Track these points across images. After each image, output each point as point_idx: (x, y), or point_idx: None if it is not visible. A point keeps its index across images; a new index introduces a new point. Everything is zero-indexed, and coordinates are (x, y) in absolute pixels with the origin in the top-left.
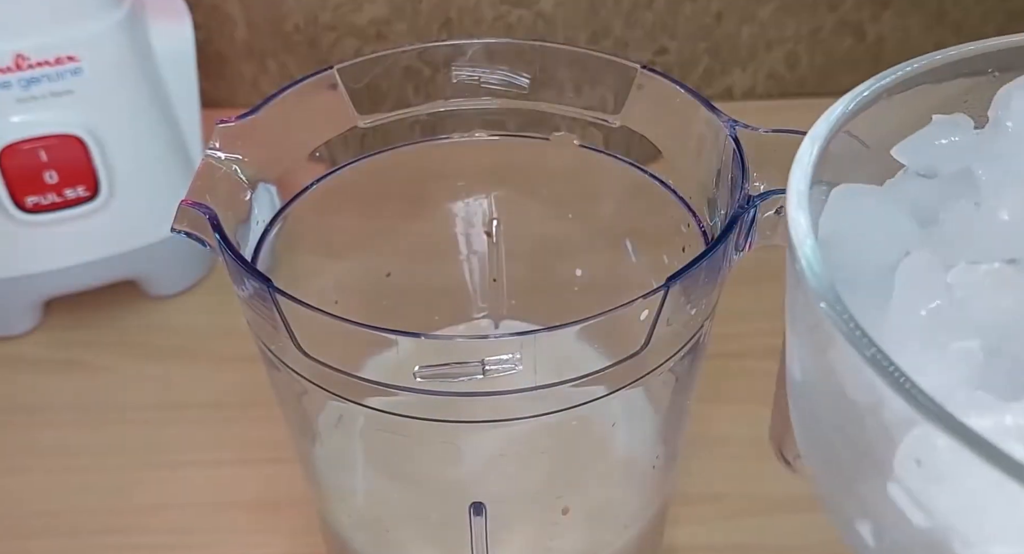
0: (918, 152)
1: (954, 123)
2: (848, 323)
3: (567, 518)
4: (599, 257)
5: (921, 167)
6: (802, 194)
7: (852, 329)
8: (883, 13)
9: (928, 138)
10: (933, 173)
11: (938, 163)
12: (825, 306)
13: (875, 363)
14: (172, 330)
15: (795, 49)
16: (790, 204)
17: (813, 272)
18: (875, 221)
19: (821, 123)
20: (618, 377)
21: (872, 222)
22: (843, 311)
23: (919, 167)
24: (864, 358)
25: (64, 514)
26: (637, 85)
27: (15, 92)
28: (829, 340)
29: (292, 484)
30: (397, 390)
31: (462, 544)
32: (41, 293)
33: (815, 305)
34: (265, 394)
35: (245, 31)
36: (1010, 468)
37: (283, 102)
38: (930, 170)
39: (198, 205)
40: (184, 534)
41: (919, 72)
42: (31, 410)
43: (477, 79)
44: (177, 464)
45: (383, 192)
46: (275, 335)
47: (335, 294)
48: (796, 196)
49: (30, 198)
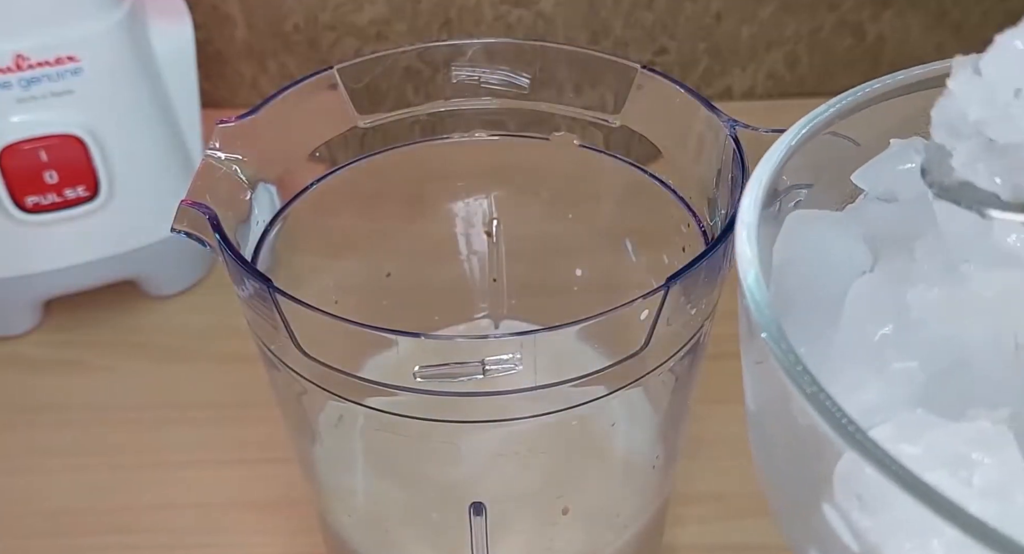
0: (876, 178)
1: (910, 147)
2: (787, 354)
3: (567, 518)
4: (599, 257)
5: (880, 192)
6: (751, 226)
7: (792, 362)
8: (883, 13)
9: (886, 163)
10: (893, 198)
11: (896, 188)
12: (766, 336)
13: (813, 398)
14: (172, 330)
15: (795, 49)
16: (738, 237)
17: (755, 302)
18: (828, 247)
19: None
20: (618, 377)
21: (825, 248)
22: (783, 341)
23: (878, 192)
24: (802, 392)
25: (63, 514)
26: (637, 85)
27: (15, 92)
28: (774, 370)
29: (292, 484)
30: (397, 390)
31: (462, 544)
32: (41, 293)
33: (757, 335)
34: (265, 394)
35: (245, 31)
36: (928, 499)
37: (283, 102)
38: (889, 195)
39: (198, 205)
40: (184, 534)
41: (866, 98)
42: (30, 410)
43: (477, 79)
44: (176, 464)
45: (383, 192)
46: (275, 335)
47: (335, 294)
48: (745, 229)
49: (30, 198)
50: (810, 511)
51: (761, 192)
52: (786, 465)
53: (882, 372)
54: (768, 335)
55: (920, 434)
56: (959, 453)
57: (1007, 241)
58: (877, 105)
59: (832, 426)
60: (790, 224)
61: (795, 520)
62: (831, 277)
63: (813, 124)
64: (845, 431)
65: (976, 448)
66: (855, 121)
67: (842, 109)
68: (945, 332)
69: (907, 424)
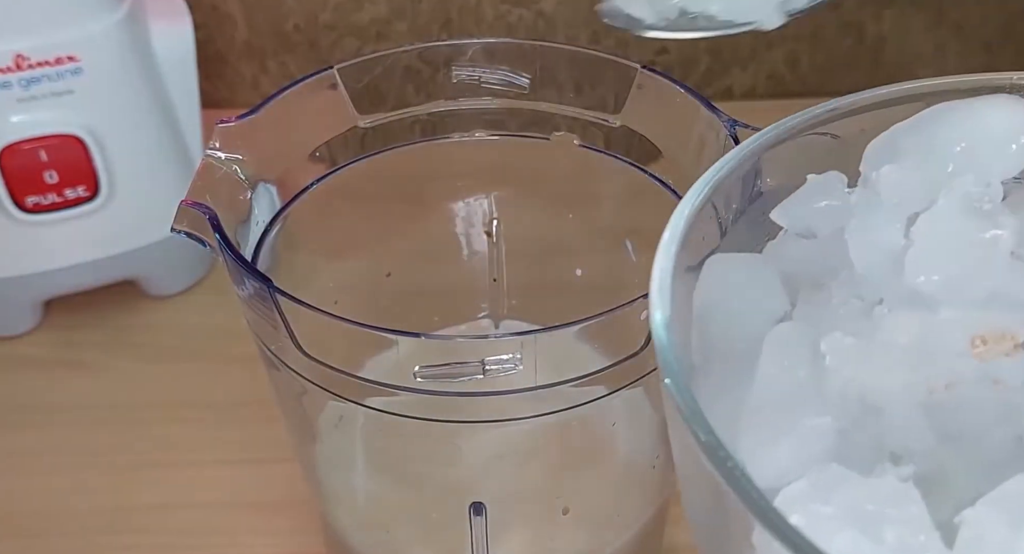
0: (795, 214)
1: (827, 184)
2: (690, 408)
3: (567, 518)
4: (599, 257)
5: (799, 229)
6: (664, 270)
7: (691, 411)
8: (884, 13)
9: (803, 200)
10: (812, 234)
11: (814, 224)
12: (669, 382)
13: (709, 450)
14: (172, 330)
15: (795, 49)
16: (651, 282)
17: (660, 346)
18: (745, 292)
19: (679, 212)
20: (618, 377)
21: (743, 293)
22: (686, 394)
23: (797, 229)
24: (699, 443)
25: (63, 514)
26: (637, 85)
27: (15, 92)
28: (676, 419)
29: (293, 484)
30: (397, 390)
31: (462, 544)
32: (41, 293)
33: (663, 382)
34: (265, 394)
35: (245, 31)
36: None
37: (283, 102)
38: (808, 232)
39: (198, 205)
40: (184, 535)
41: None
42: (31, 410)
43: (477, 79)
44: (177, 464)
45: (383, 192)
46: (275, 335)
47: (335, 294)
48: (658, 273)
49: (30, 198)
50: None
51: (679, 233)
52: (703, 514)
53: (794, 429)
54: (671, 381)
55: (831, 492)
56: (869, 512)
57: (917, 281)
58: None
59: (730, 484)
60: (709, 268)
61: None
62: (748, 324)
63: (734, 161)
64: (742, 489)
65: (885, 506)
66: (776, 155)
67: (764, 144)
68: (859, 380)
69: (819, 482)
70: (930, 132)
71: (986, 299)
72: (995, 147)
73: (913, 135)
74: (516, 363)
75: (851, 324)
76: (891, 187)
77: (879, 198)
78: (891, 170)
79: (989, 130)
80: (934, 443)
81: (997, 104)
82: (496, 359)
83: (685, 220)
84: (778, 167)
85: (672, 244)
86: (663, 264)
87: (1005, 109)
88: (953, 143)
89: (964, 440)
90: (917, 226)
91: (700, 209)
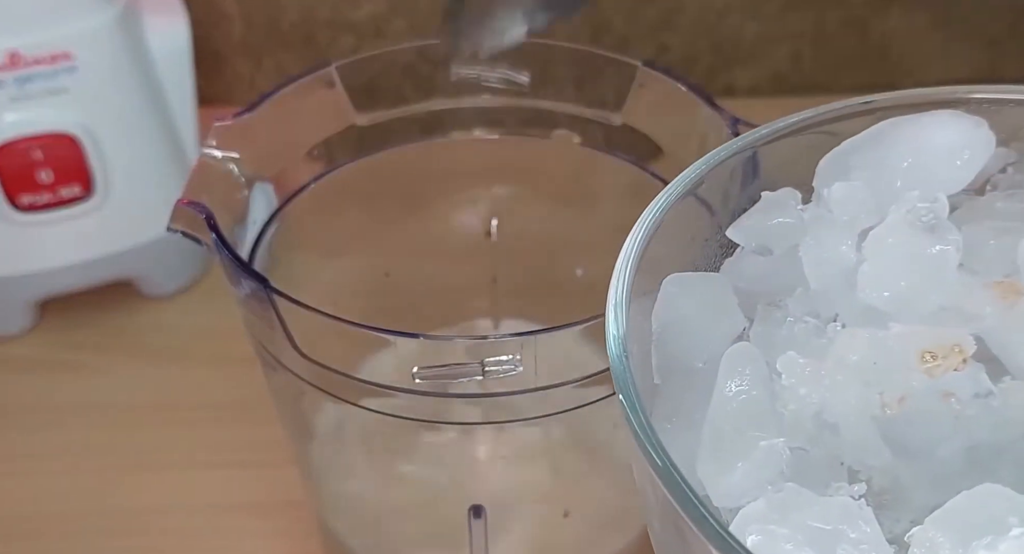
0: (750, 232)
1: (780, 201)
2: (644, 430)
3: (567, 520)
4: (600, 257)
5: (755, 247)
6: (619, 304)
7: (643, 429)
8: (889, 10)
9: (758, 217)
10: (768, 251)
11: (770, 242)
12: (622, 399)
13: (664, 474)
14: (168, 331)
15: (799, 46)
16: (608, 300)
17: (613, 361)
18: (703, 311)
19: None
20: None
21: (700, 312)
22: (639, 414)
23: (753, 247)
24: (652, 466)
25: (57, 516)
26: (638, 83)
27: (10, 90)
28: (629, 438)
29: (290, 486)
30: (395, 391)
31: (461, 547)
32: (36, 293)
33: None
34: (262, 395)
35: (241, 28)
36: None
37: (280, 100)
38: (764, 249)
39: (194, 204)
40: (181, 537)
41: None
42: (25, 411)
43: (477, 77)
44: (173, 466)
45: (382, 191)
46: (272, 336)
47: (333, 294)
48: (612, 306)
49: (25, 197)
50: None
51: (636, 247)
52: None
53: (750, 451)
54: (623, 398)
55: (787, 512)
56: (824, 531)
57: (869, 297)
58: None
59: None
60: (666, 288)
61: None
62: (706, 343)
63: (684, 184)
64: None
65: (839, 524)
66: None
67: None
68: (814, 398)
69: (775, 502)
70: (879, 148)
71: (935, 313)
72: (941, 163)
73: (863, 151)
74: (516, 364)
75: (806, 342)
76: (842, 204)
77: (831, 215)
78: (841, 187)
79: (935, 146)
80: (890, 458)
81: (942, 120)
82: (496, 360)
83: (639, 241)
84: (779, 163)
85: (627, 264)
86: (619, 282)
87: (950, 125)
88: (901, 159)
89: (918, 454)
90: (867, 242)
91: (655, 229)
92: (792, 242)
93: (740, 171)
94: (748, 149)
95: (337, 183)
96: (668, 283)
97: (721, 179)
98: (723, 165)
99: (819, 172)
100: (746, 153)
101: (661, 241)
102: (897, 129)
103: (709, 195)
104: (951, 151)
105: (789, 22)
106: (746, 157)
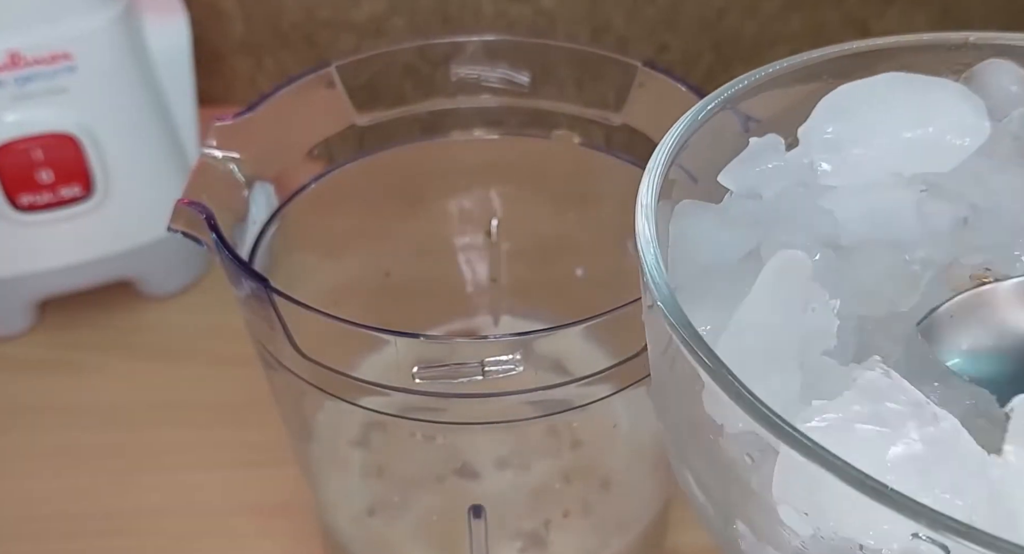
0: (740, 177)
1: (767, 147)
2: (687, 329)
3: (568, 520)
4: (600, 257)
5: (745, 191)
6: (648, 207)
7: (691, 334)
8: (888, 9)
9: (747, 163)
10: (757, 195)
11: (759, 186)
12: (662, 306)
13: (708, 367)
14: (168, 331)
15: (799, 46)
16: (637, 216)
17: (654, 277)
18: (712, 229)
19: (666, 141)
20: (619, 378)
21: (709, 230)
22: (681, 318)
23: (743, 191)
24: (697, 361)
25: (57, 517)
26: (639, 83)
27: (10, 90)
28: (676, 353)
29: (290, 487)
30: (395, 391)
31: (461, 547)
32: (36, 293)
33: (655, 305)
34: (263, 396)
35: (242, 27)
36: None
37: (280, 100)
38: (753, 193)
39: (194, 204)
40: (181, 537)
41: (767, 79)
42: (26, 411)
43: (477, 77)
44: (173, 467)
45: (382, 191)
46: (272, 336)
47: (333, 294)
48: (642, 208)
49: (25, 197)
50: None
51: (657, 177)
52: (696, 457)
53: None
54: (663, 305)
55: (833, 383)
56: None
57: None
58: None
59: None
60: (680, 210)
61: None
62: (720, 250)
63: (711, 106)
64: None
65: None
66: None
67: (739, 91)
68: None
69: (820, 370)
70: (878, 107)
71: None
72: (942, 144)
73: (860, 109)
74: (516, 364)
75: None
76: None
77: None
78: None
79: (939, 126)
80: None
81: (952, 99)
82: (496, 360)
83: (665, 159)
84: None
85: (654, 185)
86: (646, 200)
87: (958, 107)
88: (902, 128)
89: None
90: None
91: (678, 149)
92: (780, 185)
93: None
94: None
95: (337, 183)
96: (682, 206)
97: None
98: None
99: (815, 115)
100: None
101: (695, 148)
102: (904, 91)
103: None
104: (955, 134)
105: (789, 22)
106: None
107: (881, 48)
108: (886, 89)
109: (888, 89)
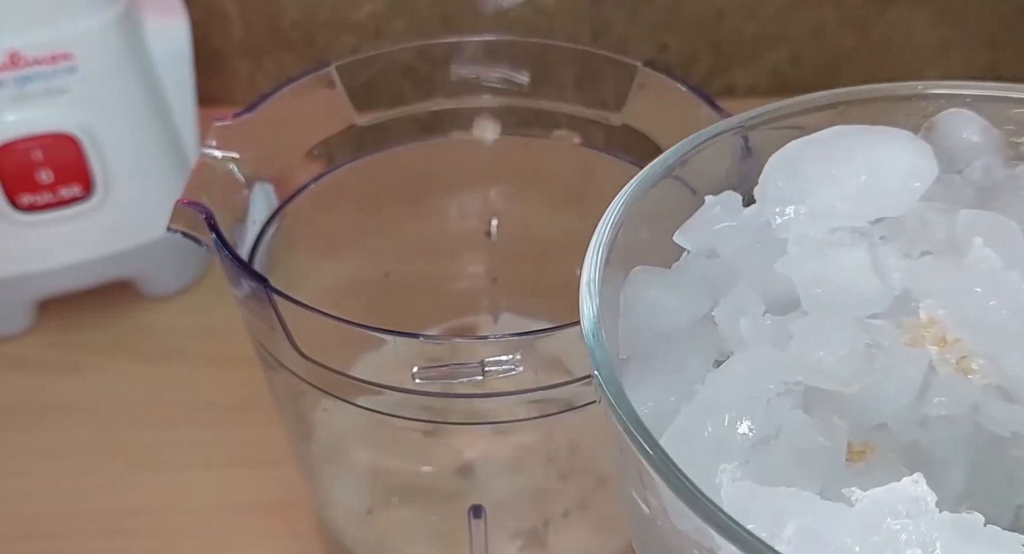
0: (696, 237)
1: (723, 204)
2: (619, 399)
3: (567, 521)
4: None
5: (702, 250)
6: (592, 282)
7: (622, 406)
8: (888, 10)
9: (702, 222)
10: (714, 255)
11: (715, 244)
12: (599, 375)
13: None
14: (168, 331)
15: (798, 46)
16: (582, 293)
17: (594, 355)
18: (671, 292)
19: (612, 209)
20: None
21: (666, 293)
22: (618, 393)
23: (700, 250)
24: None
25: (57, 517)
26: (638, 83)
27: (10, 90)
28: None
29: (290, 486)
30: (395, 391)
31: (461, 547)
32: (36, 293)
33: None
34: (262, 395)
35: (241, 28)
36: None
37: (280, 100)
38: (711, 252)
39: (194, 204)
40: (179, 537)
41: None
42: (25, 411)
43: (476, 77)
44: (172, 466)
45: (381, 191)
46: (272, 336)
47: (333, 294)
48: (586, 285)
49: (25, 197)
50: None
51: (604, 243)
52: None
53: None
54: (600, 376)
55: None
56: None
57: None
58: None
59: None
60: (631, 278)
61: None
62: (672, 318)
63: (651, 173)
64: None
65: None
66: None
67: (678, 159)
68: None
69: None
70: (830, 159)
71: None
72: (893, 189)
73: (813, 160)
74: (516, 364)
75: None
76: (780, 212)
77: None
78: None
79: (890, 173)
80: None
81: (901, 145)
82: (496, 360)
83: (610, 227)
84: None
85: (600, 243)
86: (589, 275)
87: (907, 151)
88: (854, 175)
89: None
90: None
91: (624, 216)
92: (737, 244)
93: (727, 155)
94: (730, 131)
95: (337, 183)
96: (636, 270)
97: (703, 162)
98: (703, 148)
99: (767, 172)
100: (725, 136)
101: (640, 221)
102: (851, 142)
103: (691, 178)
104: (904, 178)
105: (789, 22)
106: (733, 140)
107: (834, 102)
108: (833, 141)
109: (835, 141)
